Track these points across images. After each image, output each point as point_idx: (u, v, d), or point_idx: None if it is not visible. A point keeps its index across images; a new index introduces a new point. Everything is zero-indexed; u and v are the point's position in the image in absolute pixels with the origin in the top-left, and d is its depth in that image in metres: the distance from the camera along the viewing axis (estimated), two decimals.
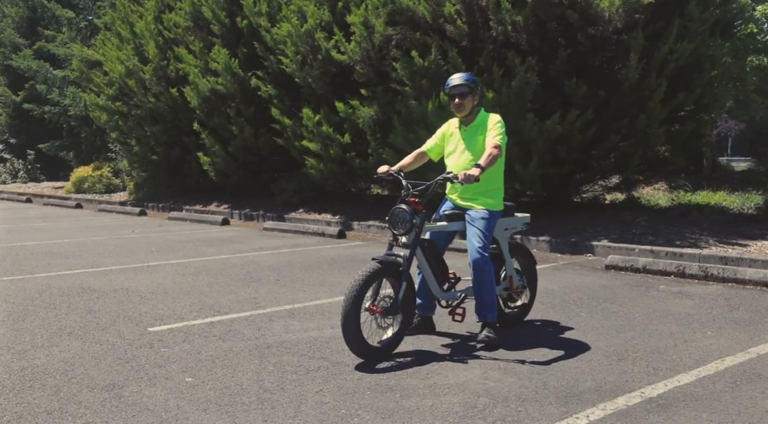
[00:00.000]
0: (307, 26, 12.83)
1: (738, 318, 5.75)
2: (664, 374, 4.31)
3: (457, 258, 7.01)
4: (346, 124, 12.59)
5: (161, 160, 17.76)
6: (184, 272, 8.20)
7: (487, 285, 4.99)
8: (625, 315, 5.91)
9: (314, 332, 5.44)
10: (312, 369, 4.53)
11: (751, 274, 7.12)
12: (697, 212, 11.05)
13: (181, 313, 6.13)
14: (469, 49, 10.75)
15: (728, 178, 19.31)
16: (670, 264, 7.72)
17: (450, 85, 5.25)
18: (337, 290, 7.11)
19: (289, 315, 6.03)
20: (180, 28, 16.33)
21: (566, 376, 4.31)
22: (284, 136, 13.91)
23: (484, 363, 4.61)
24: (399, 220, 4.84)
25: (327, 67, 12.84)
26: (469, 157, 5.17)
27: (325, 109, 12.89)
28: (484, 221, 5.05)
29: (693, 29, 10.13)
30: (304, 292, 7.02)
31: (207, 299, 6.68)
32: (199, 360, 4.75)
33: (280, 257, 9.44)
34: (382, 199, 14.32)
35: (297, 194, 14.64)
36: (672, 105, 10.29)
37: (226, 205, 15.80)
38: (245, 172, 15.58)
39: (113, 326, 5.67)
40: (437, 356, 4.82)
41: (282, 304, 6.47)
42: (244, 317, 5.96)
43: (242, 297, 6.78)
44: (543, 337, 5.29)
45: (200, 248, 10.40)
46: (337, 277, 7.84)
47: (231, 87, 14.63)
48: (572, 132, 10.09)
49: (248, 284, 7.43)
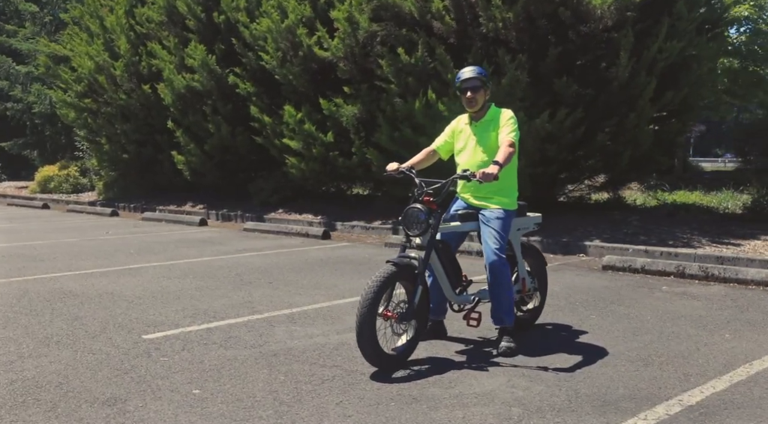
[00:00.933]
0: (287, 22, 12.52)
1: (751, 320, 5.64)
2: (696, 380, 4.15)
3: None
4: (328, 122, 12.31)
5: (132, 159, 17.28)
6: (169, 275, 7.87)
7: (505, 288, 4.78)
8: (636, 317, 5.76)
9: (320, 339, 5.18)
10: (327, 379, 4.28)
11: (753, 274, 7.04)
12: (685, 211, 11.02)
13: (174, 319, 5.82)
14: (456, 46, 10.57)
15: (699, 177, 19.48)
16: (669, 264, 7.61)
17: (461, 79, 5.03)
18: (334, 293, 6.86)
19: (289, 320, 5.76)
20: (153, 23, 15.89)
21: (596, 383, 4.12)
22: (263, 134, 13.58)
23: (506, 370, 4.40)
24: (414, 220, 4.61)
25: (308, 64, 12.56)
26: (481, 154, 4.96)
27: (307, 106, 12.60)
28: (500, 221, 4.84)
29: (681, 28, 10.08)
30: (300, 295, 6.75)
31: (199, 304, 6.37)
32: (203, 370, 4.47)
33: (267, 258, 9.15)
34: (365, 199, 14.08)
35: (275, 194, 14.31)
36: (660, 104, 10.23)
37: (202, 206, 15.42)
38: (221, 171, 15.20)
39: (104, 334, 5.35)
40: (454, 363, 4.60)
41: (280, 308, 6.19)
42: (243, 323, 5.68)
43: (236, 301, 6.49)
44: (559, 341, 5.10)
45: (181, 249, 10.05)
46: (331, 279, 7.58)
47: (208, 84, 14.24)
48: (561, 131, 9.97)
49: (240, 287, 7.13)
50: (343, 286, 7.20)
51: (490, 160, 4.87)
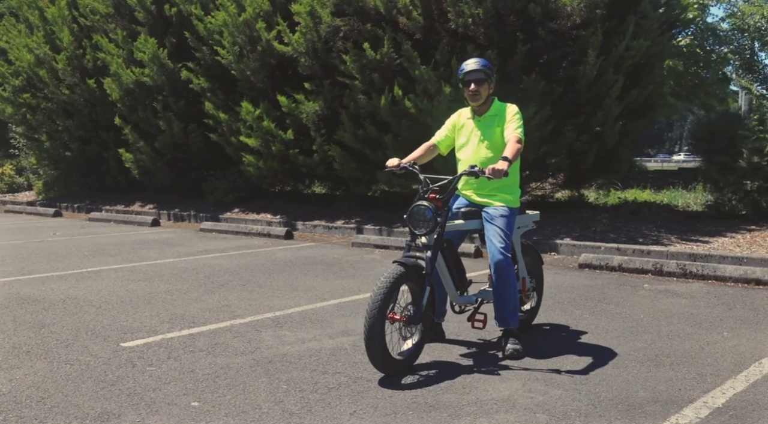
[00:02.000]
0: (245, 15, 12.15)
1: (743, 317, 5.63)
2: (713, 381, 4.06)
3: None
4: (288, 119, 12.00)
5: (75, 157, 16.58)
6: (133, 278, 7.46)
7: (511, 288, 4.61)
8: (629, 316, 5.68)
9: (313, 344, 4.93)
10: (332, 386, 4.03)
11: (731, 271, 7.08)
12: (647, 209, 11.11)
13: (151, 325, 5.47)
14: (423, 42, 10.40)
15: (643, 176, 19.84)
16: (647, 262, 7.60)
17: (464, 71, 4.85)
18: (314, 295, 6.59)
19: (275, 324, 5.47)
20: (98, 15, 15.25)
21: (613, 386, 3.99)
22: (219, 131, 13.17)
23: (518, 374, 4.23)
24: (420, 218, 4.40)
25: (267, 59, 12.22)
26: (485, 150, 4.78)
27: (266, 103, 12.26)
28: (504, 219, 4.67)
29: (646, 27, 10.16)
30: (279, 298, 6.46)
31: (174, 309, 6.02)
32: (197, 380, 4.16)
33: (233, 259, 8.80)
34: (325, 198, 13.80)
35: (230, 193, 13.91)
36: (625, 102, 10.28)
37: (152, 206, 14.87)
38: (173, 170, 14.69)
39: (77, 342, 4.97)
40: (461, 367, 4.40)
41: (261, 312, 5.90)
42: (226, 328, 5.37)
43: (212, 305, 6.16)
44: (562, 343, 4.97)
45: (139, 251, 9.59)
46: (306, 281, 7.31)
47: (159, 79, 13.74)
48: (529, 128, 9.88)
49: (212, 291, 6.80)
50: (321, 288, 6.94)
51: (494, 157, 4.70)
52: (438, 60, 10.12)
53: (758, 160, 9.46)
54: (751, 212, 9.68)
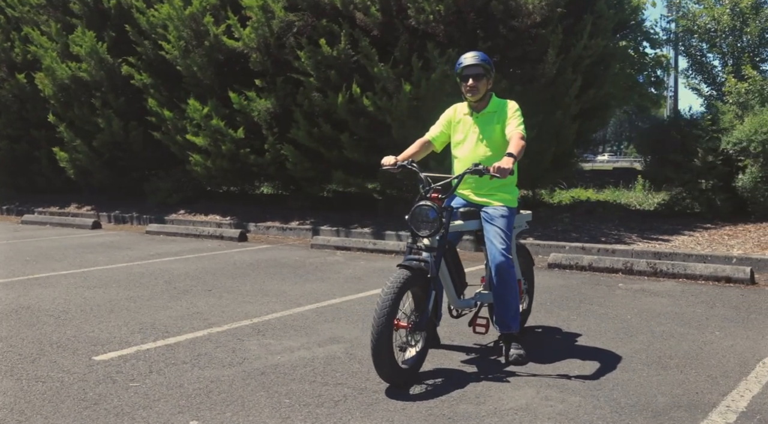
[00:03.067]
0: (191, 9, 11.69)
1: (727, 316, 5.63)
2: (726, 383, 3.99)
3: None
4: (238, 117, 11.60)
5: (4, 156, 15.73)
6: (87, 285, 7.00)
7: (513, 291, 4.45)
8: (616, 317, 5.62)
9: (303, 353, 4.65)
10: (338, 399, 3.78)
11: (701, 269, 7.14)
12: (602, 208, 11.21)
13: (121, 335, 5.08)
14: (381, 39, 10.20)
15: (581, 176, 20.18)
16: (617, 261, 7.61)
17: (462, 65, 4.66)
18: (287, 300, 6.30)
19: (256, 332, 5.17)
20: (28, 6, 14.47)
21: (629, 391, 3.87)
22: (163, 130, 12.64)
23: (528, 380, 4.07)
24: (424, 219, 4.17)
25: (215, 55, 11.79)
26: (484, 148, 4.60)
27: (214, 100, 11.82)
28: (505, 219, 4.51)
29: (602, 26, 10.23)
30: (251, 304, 6.14)
31: (141, 317, 5.64)
32: (188, 395, 3.84)
33: (190, 263, 8.39)
34: (276, 198, 13.45)
35: (175, 194, 13.39)
36: (582, 101, 10.33)
37: (90, 207, 14.19)
38: (112, 169, 14.05)
39: (44, 357, 4.56)
40: (466, 374, 4.22)
41: (237, 319, 5.58)
42: (204, 337, 5.04)
43: (182, 312, 5.80)
44: (559, 346, 4.84)
45: (86, 255, 9.07)
46: (274, 285, 7.01)
47: (97, 74, 13.12)
48: None
49: (177, 297, 6.42)
50: (293, 292, 6.65)
51: (493, 155, 4.53)
52: (397, 57, 9.93)
53: (713, 159, 9.63)
54: (705, 211, 9.86)
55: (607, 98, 11.26)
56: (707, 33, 12.53)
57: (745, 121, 9.58)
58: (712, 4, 12.58)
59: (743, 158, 9.43)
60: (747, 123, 9.44)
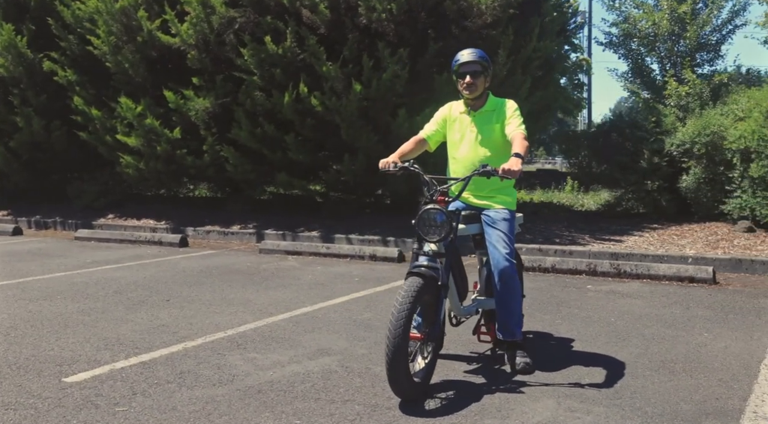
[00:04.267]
0: (122, 2, 11.07)
1: (706, 317, 5.66)
2: (740, 387, 3.94)
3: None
4: (174, 116, 11.07)
5: None
6: (28, 297, 6.44)
7: (517, 297, 4.30)
8: (600, 320, 5.55)
9: (295, 367, 4.35)
10: (352, 418, 3.52)
11: (664, 270, 7.21)
12: (546, 210, 11.29)
13: (86, 353, 4.64)
14: (329, 38, 9.92)
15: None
16: (580, 262, 7.61)
17: (459, 62, 4.46)
18: (256, 309, 5.96)
19: (235, 346, 4.82)
20: None
21: (650, 399, 3.77)
22: (90, 129, 11.93)
23: (543, 391, 3.91)
24: (433, 223, 3.95)
25: (148, 52, 11.21)
26: (483, 148, 4.40)
27: (147, 99, 11.24)
28: (507, 223, 4.35)
29: (549, 29, 10.29)
30: (218, 314, 5.76)
31: (102, 332, 5.19)
32: (186, 419, 3.49)
33: (134, 271, 7.88)
34: (213, 202, 12.92)
35: (102, 197, 12.68)
36: (529, 103, 10.36)
37: (6, 212, 13.29)
38: (31, 171, 13.18)
39: (6, 380, 4.09)
40: (476, 386, 4.02)
41: (209, 332, 5.20)
42: (181, 353, 4.65)
43: (146, 325, 5.38)
44: (558, 353, 4.70)
45: (15, 264, 8.40)
46: (236, 293, 6.63)
47: (15, 70, 12.28)
48: None
49: (134, 308, 5.97)
50: (258, 300, 6.31)
51: (493, 156, 4.36)
52: (346, 57, 9.67)
53: (658, 160, 9.83)
54: (650, 211, 10.05)
55: (551, 100, 11.35)
56: (647, 37, 12.85)
57: (688, 123, 9.83)
58: (651, 9, 12.92)
59: (687, 160, 9.67)
60: (690, 125, 9.69)
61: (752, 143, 8.62)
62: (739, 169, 9.16)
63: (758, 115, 8.71)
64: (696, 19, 12.48)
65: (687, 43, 12.62)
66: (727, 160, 9.31)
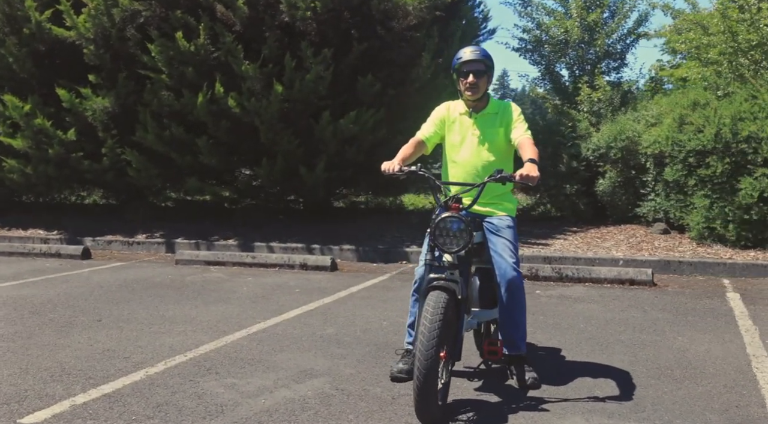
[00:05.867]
0: None
1: (669, 320, 5.68)
2: (749, 394, 3.89)
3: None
4: (68, 117, 10.15)
5: None
6: None
7: (523, 309, 4.08)
8: (571, 327, 5.45)
9: (285, 392, 3.94)
10: None
11: (605, 273, 7.28)
12: None
13: (34, 387, 4.00)
14: (246, 36, 9.40)
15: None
16: (521, 267, 7.54)
17: (461, 60, 4.19)
18: (206, 327, 5.45)
19: (204, 370, 4.33)
20: None
21: (673, 410, 3.65)
22: None
23: (565, 407, 3.71)
24: (452, 233, 3.67)
25: (35, 45, 10.22)
26: (486, 152, 4.15)
27: (35, 97, 10.23)
28: (511, 230, 4.14)
29: (469, 33, 10.27)
30: (165, 334, 5.20)
31: (39, 361, 4.52)
32: None
33: (42, 288, 7.06)
34: (111, 209, 11.95)
35: None
36: None
37: None
38: None
39: None
40: (492, 405, 3.77)
41: (165, 355, 4.66)
42: (146, 382, 4.11)
43: (87, 351, 4.75)
44: (551, 364, 4.54)
45: None
46: (171, 309, 6.05)
47: None
48: (364, 132, 9.45)
49: (65, 332, 5.29)
50: (202, 317, 5.78)
51: (496, 161, 4.14)
52: (267, 56, 9.20)
53: (576, 165, 10.02)
54: (569, 214, 10.23)
55: None
56: (558, 44, 13.16)
57: (603, 128, 10.10)
58: (562, 17, 13.25)
59: (602, 164, 9.92)
60: (605, 130, 9.95)
61: (666, 148, 8.93)
62: (653, 173, 9.49)
63: (671, 122, 9.04)
64: (605, 28, 12.95)
65: (596, 51, 13.06)
66: (641, 165, 9.62)
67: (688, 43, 10.88)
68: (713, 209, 8.43)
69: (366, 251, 8.87)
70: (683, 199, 8.94)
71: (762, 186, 8.00)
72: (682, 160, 8.74)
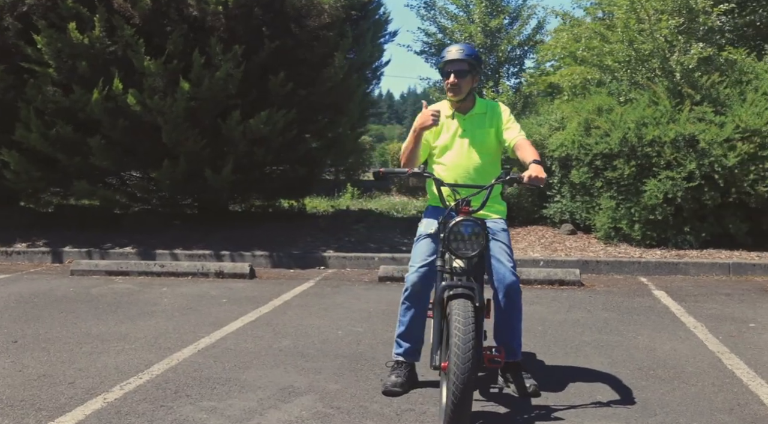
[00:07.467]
0: None
1: (618, 319, 5.72)
2: (740, 391, 3.92)
3: None
4: None
5: None
6: None
7: (520, 315, 3.95)
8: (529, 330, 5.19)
9: (276, 414, 3.58)
10: None
11: (535, 274, 7.34)
12: (372, 217, 11.08)
13: None
14: (147, 29, 8.73)
15: None
16: None
17: (445, 59, 3.99)
18: (144, 344, 4.93)
19: (171, 394, 3.87)
20: None
21: (682, 412, 3.61)
22: None
23: (577, 414, 3.59)
24: (467, 237, 3.47)
25: None
26: (476, 154, 3.97)
27: None
28: (506, 234, 3.99)
29: (378, 33, 10.13)
30: (103, 355, 4.64)
31: None
32: None
33: None
34: None
35: None
36: (362, 107, 10.10)
37: None
38: None
39: None
40: (505, 417, 3.58)
41: (118, 379, 4.13)
42: (111, 410, 3.61)
43: (21, 378, 4.13)
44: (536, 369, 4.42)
45: None
46: (95, 326, 5.44)
47: None
48: (274, 133, 9.05)
49: None
50: (137, 334, 5.23)
51: (487, 163, 4.00)
52: (171, 51, 8.59)
53: None
54: None
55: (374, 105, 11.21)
56: None
57: None
58: (465, 22, 13.34)
59: (509, 167, 10.07)
60: None
61: (573, 151, 9.20)
62: (558, 175, 9.75)
63: (577, 126, 9.33)
64: (508, 34, 13.21)
65: (498, 56, 13.29)
66: (547, 168, 9.85)
67: (564, 49, 11.23)
68: (619, 210, 8.76)
69: (280, 256, 8.48)
70: (589, 200, 9.24)
71: (665, 188, 8.39)
72: (588, 163, 9.03)
